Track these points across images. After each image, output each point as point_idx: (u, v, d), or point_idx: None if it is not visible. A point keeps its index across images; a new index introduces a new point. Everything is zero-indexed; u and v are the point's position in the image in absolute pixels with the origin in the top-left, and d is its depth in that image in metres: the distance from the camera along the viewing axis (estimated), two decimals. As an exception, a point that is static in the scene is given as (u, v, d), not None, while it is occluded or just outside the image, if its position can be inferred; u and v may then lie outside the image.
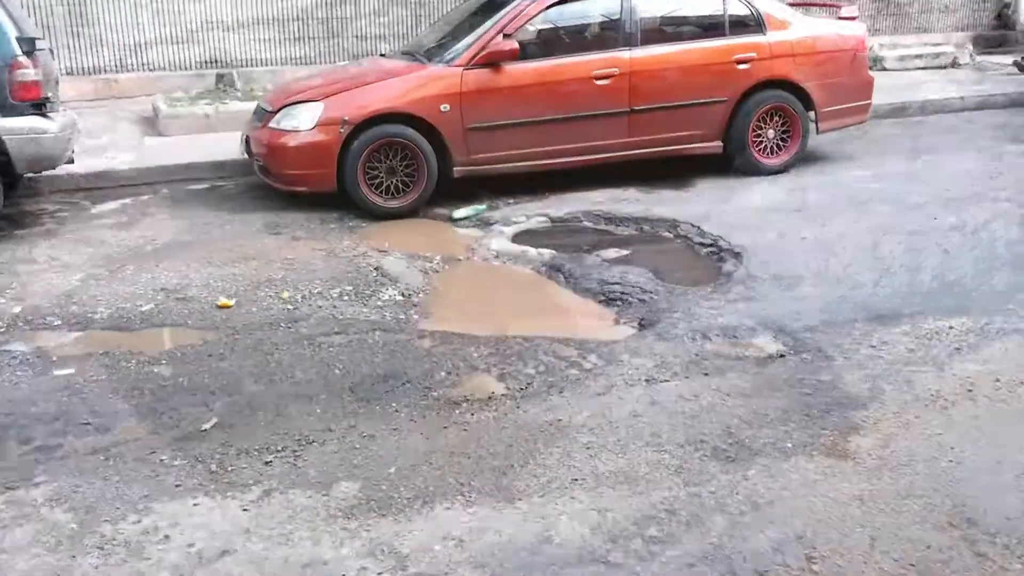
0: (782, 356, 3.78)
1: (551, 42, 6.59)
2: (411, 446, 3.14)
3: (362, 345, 3.99)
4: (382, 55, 7.87)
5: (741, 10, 6.77)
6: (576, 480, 2.91)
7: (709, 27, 6.77)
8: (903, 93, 9.44)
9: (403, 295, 4.64)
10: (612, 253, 5.25)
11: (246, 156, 6.65)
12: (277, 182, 6.26)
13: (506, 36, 6.23)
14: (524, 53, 6.30)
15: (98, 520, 2.76)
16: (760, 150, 6.85)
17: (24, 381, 3.68)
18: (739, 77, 6.67)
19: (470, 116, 6.19)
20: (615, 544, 2.60)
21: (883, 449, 3.06)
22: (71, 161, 6.30)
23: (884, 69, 11.09)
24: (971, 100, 9.24)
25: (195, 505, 2.83)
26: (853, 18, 7.29)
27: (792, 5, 7.39)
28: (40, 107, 5.69)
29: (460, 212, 6.11)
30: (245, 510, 2.80)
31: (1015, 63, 10.63)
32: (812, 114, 6.98)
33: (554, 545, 2.61)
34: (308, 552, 2.61)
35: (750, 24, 6.75)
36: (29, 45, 5.60)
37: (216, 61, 10.10)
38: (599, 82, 6.40)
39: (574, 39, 6.61)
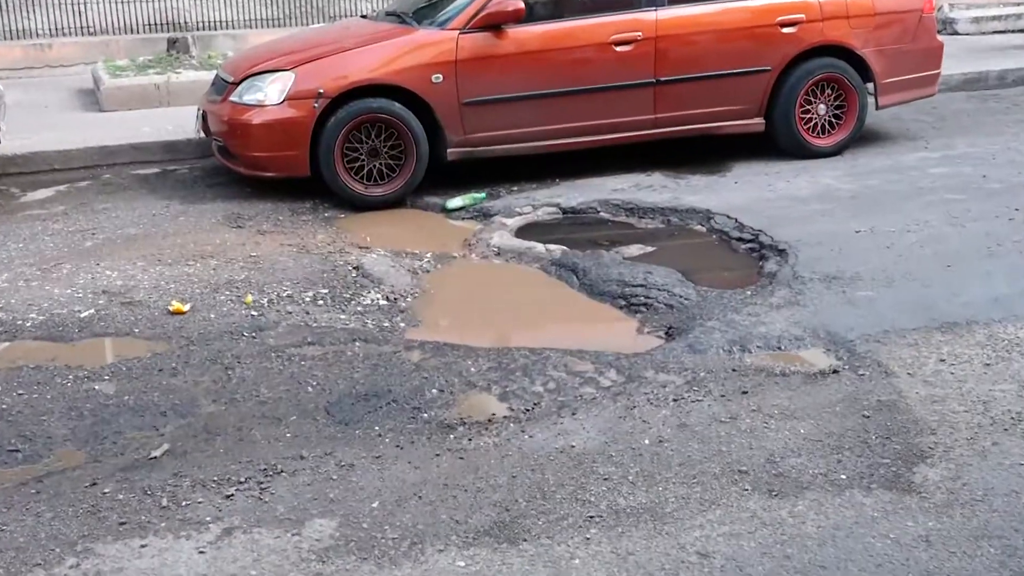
0: (835, 372, 3.78)
1: (562, 0, 6.60)
2: (397, 477, 3.15)
3: (339, 358, 4.00)
4: (363, 16, 7.91)
5: (786, -38, 6.78)
6: (592, 517, 2.91)
7: (749, -17, 6.78)
8: (978, 61, 9.45)
9: (388, 299, 4.65)
10: (634, 250, 5.26)
11: (203, 135, 6.67)
12: (239, 166, 6.28)
13: (509, -7, 6.24)
14: (531, 14, 6.32)
15: (29, 565, 2.77)
16: (809, 128, 6.86)
17: (-58, 400, 3.69)
18: (784, 42, 6.67)
19: (467, 88, 6.20)
20: (638, 593, 2.61)
21: (954, 481, 3.06)
22: (-3, 141, 6.33)
23: (955, 33, 11.10)
24: (1058, 69, 9.24)
25: (143, 546, 2.84)
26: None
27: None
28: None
29: (455, 201, 6.12)
30: (202, 552, 2.81)
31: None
32: (870, 86, 6.99)
33: (566, 594, 2.61)
34: (276, 602, 2.61)
35: (797, -21, 6.76)
36: None
37: (168, 23, 10.14)
38: (619, 48, 6.41)
39: (590, -4, 6.62)
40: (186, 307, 4.51)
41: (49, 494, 3.10)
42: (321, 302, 4.59)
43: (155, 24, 10.06)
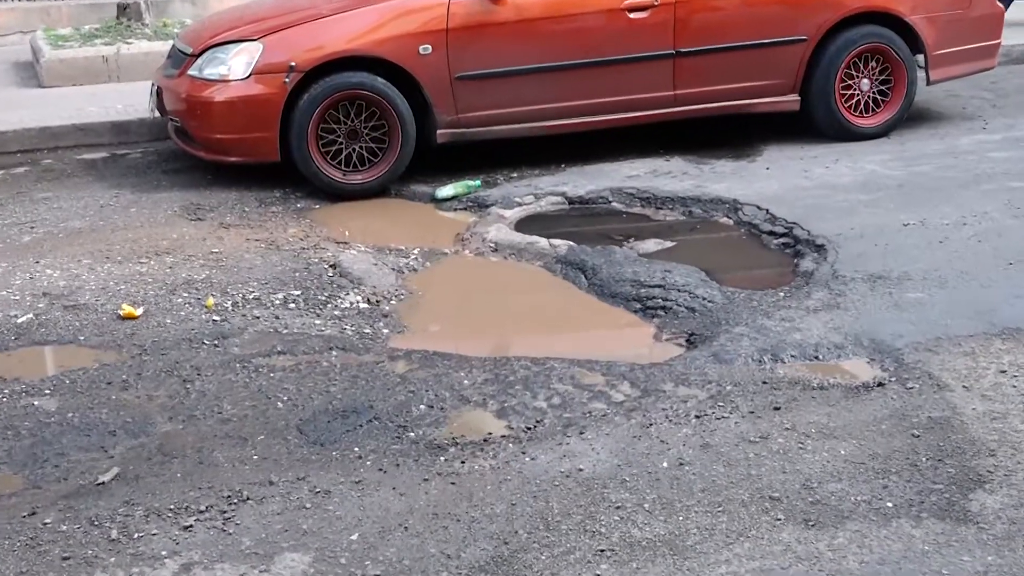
0: (880, 384, 3.79)
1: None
2: (380, 505, 3.15)
3: (314, 369, 4.00)
4: (341, -21, 7.89)
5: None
6: (603, 552, 2.91)
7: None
8: (1044, 30, 9.43)
9: (369, 302, 4.65)
10: (651, 245, 5.26)
11: (157, 114, 6.67)
12: (199, 150, 6.28)
13: (509, -49, 6.24)
14: (532, -25, 6.33)
15: (-41, 604, 2.77)
16: (850, 107, 6.86)
17: None
18: (822, 8, 6.68)
19: (460, 61, 6.21)
20: (655, 637, 2.61)
21: (1016, 510, 3.06)
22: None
23: (1017, -2, 11.06)
24: None
25: (89, 584, 2.84)
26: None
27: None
28: None
29: (446, 190, 6.12)
30: (157, 591, 2.81)
31: None
32: (920, 58, 6.99)
33: (573, 639, 2.61)
34: (241, 648, 2.62)
35: (836, -64, 6.76)
36: None
37: (117, -14, 10.12)
38: (633, 15, 6.42)
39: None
40: (138, 311, 4.51)
41: (-18, 525, 3.09)
42: (293, 305, 4.60)
43: (103, -13, 10.06)
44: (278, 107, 5.98)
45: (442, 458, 3.39)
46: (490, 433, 3.54)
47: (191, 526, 3.06)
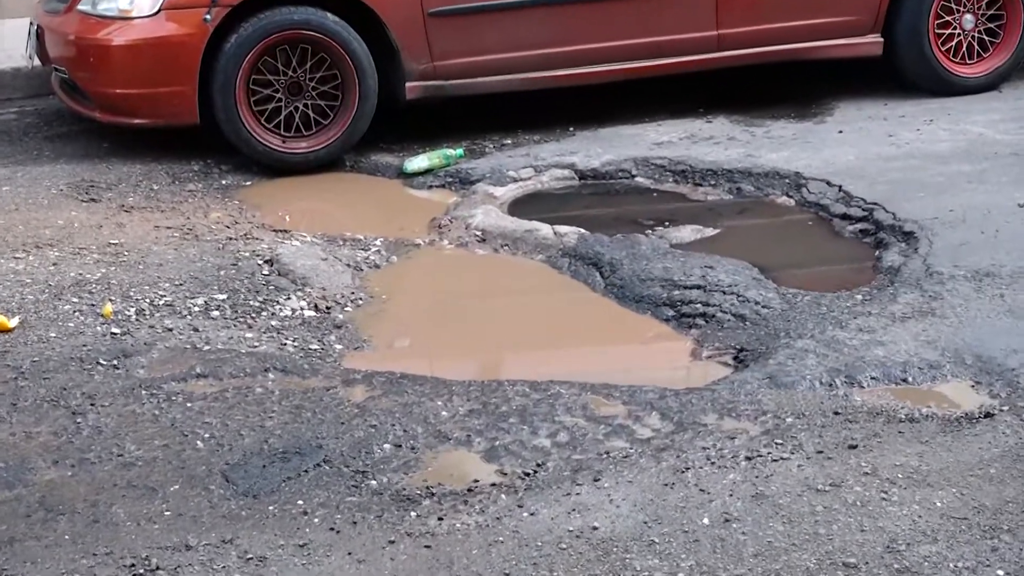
0: (988, 415, 3.79)
1: None
2: (332, 575, 3.15)
3: (244, 398, 3.99)
4: None
5: None
6: (624, 635, 2.92)
7: None
8: None
9: (317, 309, 4.64)
10: (687, 233, 5.27)
11: (37, 62, 6.65)
12: (94, 109, 6.27)
13: None
14: None
15: None
16: (949, 51, 6.87)
17: None
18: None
19: (435, -8, 6.22)
20: None
21: None
22: None
23: None
24: None
25: None
26: None
27: None
28: None
29: (418, 161, 6.12)
30: None
31: None
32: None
33: None
34: None
35: None
36: None
37: None
38: (663, -69, 6.44)
39: None
40: (12, 322, 4.50)
41: None
42: (216, 313, 4.59)
43: None
44: (197, 53, 5.98)
45: (413, 514, 3.38)
46: (476, 481, 3.53)
47: (83, 604, 3.06)
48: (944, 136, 6.24)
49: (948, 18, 6.83)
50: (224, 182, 5.97)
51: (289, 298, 4.72)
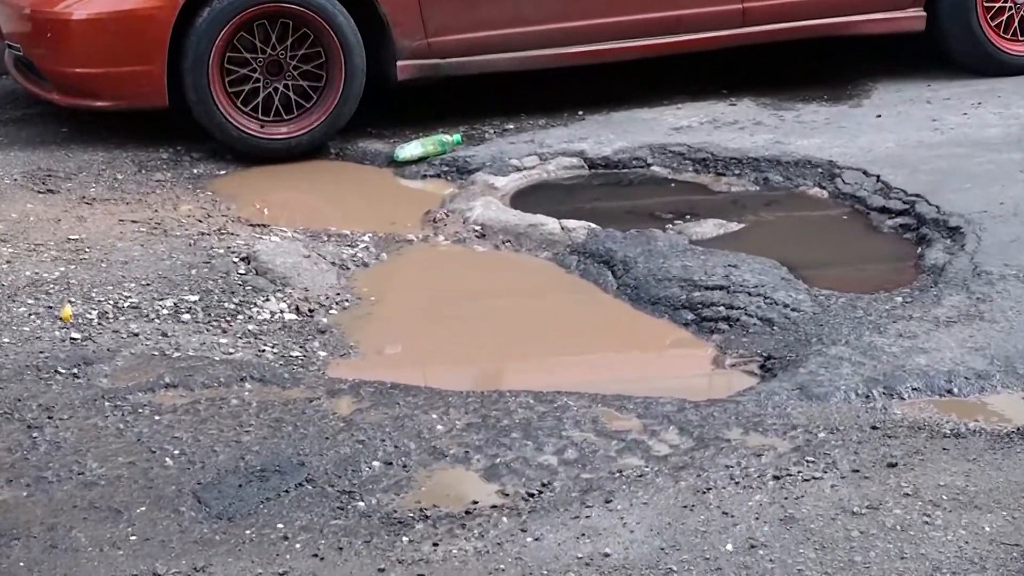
0: (1042, 430, 3.79)
1: None
2: (315, 608, 3.14)
3: (218, 411, 3.99)
4: None
5: None
6: (639, 674, 2.91)
7: None
8: None
9: (299, 312, 4.64)
10: (709, 228, 5.26)
11: (-10, 40, 6.67)
12: (51, 90, 6.28)
13: None
14: None
15: None
16: (1000, 25, 6.86)
17: None
18: None
19: (430, -40, 6.23)
20: None
21: None
22: None
23: None
24: None
25: None
26: None
27: None
28: None
29: (410, 148, 6.12)
30: None
31: None
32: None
33: None
34: None
35: None
36: None
37: None
38: None
39: None
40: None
41: None
42: (188, 316, 4.59)
43: None
44: (166, 28, 5.98)
45: (405, 538, 3.37)
46: (475, 502, 3.52)
47: (39, 639, 3.06)
48: (994, 121, 6.24)
49: (997, -9, 6.85)
50: (196, 171, 5.97)
51: (268, 300, 4.71)
